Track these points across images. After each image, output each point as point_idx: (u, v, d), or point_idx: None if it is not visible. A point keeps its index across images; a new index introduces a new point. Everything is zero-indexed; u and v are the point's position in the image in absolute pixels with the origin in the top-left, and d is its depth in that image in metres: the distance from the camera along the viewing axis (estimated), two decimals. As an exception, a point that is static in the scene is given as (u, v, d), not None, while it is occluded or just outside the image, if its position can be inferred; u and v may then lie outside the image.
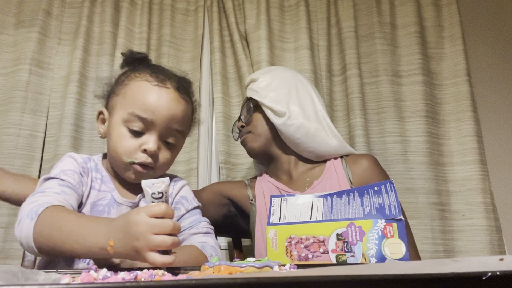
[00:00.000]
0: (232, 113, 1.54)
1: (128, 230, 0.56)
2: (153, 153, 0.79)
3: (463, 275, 0.31)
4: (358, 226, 0.77)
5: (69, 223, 0.63)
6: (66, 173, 0.77)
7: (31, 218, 0.64)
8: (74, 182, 0.77)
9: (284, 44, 1.60)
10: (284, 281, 0.32)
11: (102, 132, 0.86)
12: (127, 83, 0.83)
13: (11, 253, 1.26)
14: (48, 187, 0.73)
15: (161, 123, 0.79)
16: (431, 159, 1.44)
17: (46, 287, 0.31)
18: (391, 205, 0.80)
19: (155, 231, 0.54)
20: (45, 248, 0.64)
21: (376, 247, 0.75)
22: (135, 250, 0.55)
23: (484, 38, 1.67)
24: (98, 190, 0.81)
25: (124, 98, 0.81)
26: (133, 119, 0.78)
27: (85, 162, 0.83)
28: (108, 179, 0.84)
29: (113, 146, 0.80)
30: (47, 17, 1.48)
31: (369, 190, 0.85)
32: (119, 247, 0.57)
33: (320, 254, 0.78)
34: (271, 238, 0.82)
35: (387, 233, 0.75)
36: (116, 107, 0.82)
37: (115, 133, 0.80)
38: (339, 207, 0.85)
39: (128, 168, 0.80)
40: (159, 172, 0.83)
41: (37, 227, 0.63)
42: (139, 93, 0.80)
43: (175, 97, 0.82)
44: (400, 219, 0.75)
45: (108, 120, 0.84)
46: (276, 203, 0.90)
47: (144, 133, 0.79)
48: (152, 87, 0.80)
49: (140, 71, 0.84)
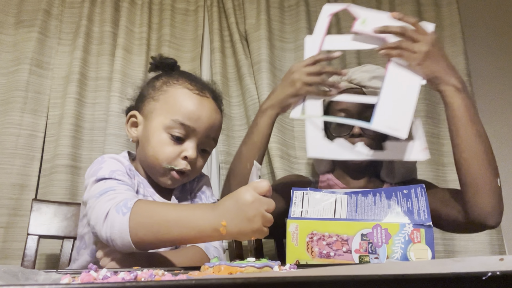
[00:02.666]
0: (232, 113, 1.54)
1: (242, 208, 0.59)
2: (193, 160, 0.80)
3: (463, 275, 0.31)
4: (385, 229, 0.77)
5: (173, 211, 0.65)
6: (117, 173, 0.76)
7: (122, 213, 0.63)
8: (129, 182, 0.76)
9: (284, 44, 1.60)
10: (284, 281, 0.32)
11: (134, 136, 0.85)
12: (166, 89, 0.83)
13: (11, 253, 1.26)
14: (112, 186, 0.71)
15: (201, 131, 0.81)
16: (431, 159, 1.44)
17: (46, 287, 0.31)
18: (420, 210, 0.78)
19: (265, 208, 0.60)
20: (145, 240, 0.63)
21: (401, 251, 0.74)
22: (251, 229, 0.59)
23: (484, 38, 1.67)
24: (143, 195, 0.82)
25: (166, 104, 0.81)
26: (176, 126, 0.79)
27: (130, 164, 0.83)
28: (146, 183, 0.84)
29: (153, 151, 0.79)
30: (47, 17, 1.48)
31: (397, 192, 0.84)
32: (233, 227, 0.60)
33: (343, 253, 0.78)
34: (291, 232, 0.82)
35: (414, 238, 0.75)
36: (156, 112, 0.82)
37: (155, 139, 0.80)
38: (364, 207, 0.83)
39: (166, 174, 0.81)
40: (191, 177, 0.86)
41: (133, 220, 0.62)
42: (182, 100, 0.81)
43: (214, 107, 0.85)
44: (429, 225, 0.75)
45: (143, 125, 0.83)
46: (298, 196, 0.88)
47: (185, 140, 0.80)
48: (194, 96, 0.82)
49: (178, 78, 0.85)
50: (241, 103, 1.54)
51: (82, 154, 1.39)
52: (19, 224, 1.27)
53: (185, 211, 0.65)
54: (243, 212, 0.59)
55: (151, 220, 0.63)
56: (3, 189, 1.29)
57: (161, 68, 0.90)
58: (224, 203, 0.62)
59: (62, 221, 1.07)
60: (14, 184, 1.30)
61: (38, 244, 1.04)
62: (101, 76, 1.46)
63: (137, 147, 0.87)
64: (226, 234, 0.60)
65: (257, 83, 1.48)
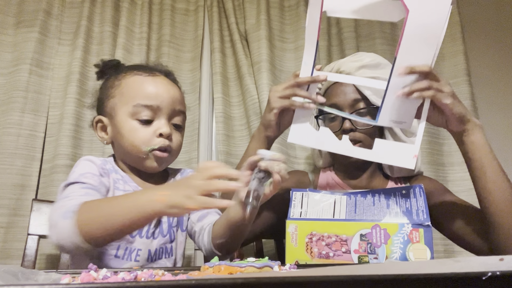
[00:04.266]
0: (232, 113, 1.54)
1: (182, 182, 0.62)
2: (169, 134, 0.82)
3: (463, 275, 0.31)
4: (383, 229, 0.77)
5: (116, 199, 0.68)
6: (86, 176, 0.77)
7: (69, 218, 0.64)
8: (95, 183, 0.77)
9: (284, 44, 1.60)
10: (284, 281, 0.32)
11: (107, 138, 0.87)
12: (119, 83, 0.85)
13: (11, 253, 1.26)
14: (71, 192, 0.73)
15: (166, 106, 0.83)
16: (431, 159, 1.44)
17: (46, 287, 0.31)
18: (419, 210, 0.78)
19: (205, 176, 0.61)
20: (94, 235, 0.64)
21: (400, 251, 0.75)
22: (186, 196, 0.60)
23: (484, 38, 1.67)
24: (124, 190, 0.82)
25: (123, 96, 0.83)
26: (140, 109, 0.81)
27: (103, 164, 0.84)
28: (128, 179, 0.85)
29: (128, 140, 0.81)
30: (47, 17, 1.48)
31: (396, 192, 0.84)
32: (171, 196, 0.61)
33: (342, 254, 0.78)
34: (291, 232, 0.82)
35: (413, 238, 0.75)
36: (117, 107, 0.83)
37: (126, 129, 0.82)
38: (363, 207, 0.83)
39: (148, 156, 0.82)
40: (175, 154, 0.87)
41: (80, 219, 0.64)
42: (137, 86, 0.83)
43: (169, 81, 0.87)
44: (428, 225, 0.75)
45: (111, 124, 0.85)
46: (297, 197, 0.88)
47: (154, 120, 0.82)
48: (146, 78, 0.85)
49: (126, 71, 0.88)
50: (241, 103, 1.54)
51: (82, 154, 1.38)
52: (20, 224, 1.27)
53: (127, 196, 0.68)
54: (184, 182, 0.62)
55: (96, 214, 0.64)
56: (3, 189, 1.29)
57: (108, 71, 0.92)
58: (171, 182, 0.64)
59: (62, 221, 1.07)
60: (14, 184, 1.30)
61: (38, 244, 1.04)
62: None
63: (114, 148, 0.88)
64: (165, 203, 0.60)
65: (257, 83, 1.48)
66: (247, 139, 1.50)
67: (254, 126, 1.47)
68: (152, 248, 0.81)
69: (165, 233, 0.84)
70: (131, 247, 0.79)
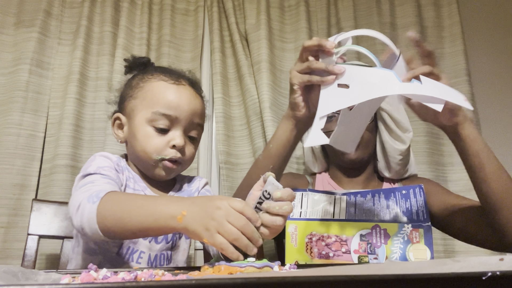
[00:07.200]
0: (232, 113, 1.54)
1: (207, 208, 0.57)
2: (181, 147, 0.81)
3: (463, 275, 0.31)
4: (383, 229, 0.76)
5: (139, 199, 0.66)
6: (104, 169, 0.77)
7: (92, 202, 0.64)
8: (114, 177, 0.77)
9: (284, 44, 1.60)
10: (284, 281, 0.32)
11: (122, 137, 0.87)
12: (142, 85, 0.85)
13: (11, 253, 1.26)
14: (94, 179, 0.73)
15: (184, 118, 0.82)
16: (431, 159, 1.44)
17: (46, 287, 0.31)
18: (419, 210, 0.78)
19: (230, 219, 0.55)
20: (111, 228, 0.63)
21: (400, 251, 0.74)
22: (206, 227, 0.56)
23: (484, 38, 1.67)
24: (133, 189, 0.83)
25: (145, 99, 0.83)
26: (158, 117, 0.80)
27: (118, 160, 0.84)
28: (138, 178, 0.85)
29: (141, 146, 0.81)
30: (47, 17, 1.48)
31: (396, 192, 0.84)
32: (191, 219, 0.57)
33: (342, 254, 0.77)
34: (290, 233, 0.81)
35: (413, 238, 0.74)
36: (137, 109, 0.83)
37: (141, 134, 0.81)
38: (363, 207, 0.83)
39: (158, 165, 0.82)
40: (186, 165, 0.87)
41: (101, 207, 0.63)
42: (159, 92, 0.82)
43: (193, 93, 0.86)
44: (427, 225, 0.74)
45: (128, 124, 0.85)
46: (297, 197, 0.88)
47: (170, 130, 0.82)
48: (170, 86, 0.83)
49: (152, 73, 0.86)
50: (241, 103, 1.54)
51: (82, 154, 1.39)
52: (20, 224, 1.27)
53: (151, 199, 0.65)
54: (208, 210, 0.57)
55: (116, 208, 0.64)
56: (3, 189, 1.29)
57: (136, 68, 0.91)
58: (195, 199, 0.61)
59: (62, 221, 1.07)
60: (14, 184, 1.30)
61: (38, 244, 1.04)
62: (101, 76, 1.46)
63: (127, 147, 0.88)
64: (182, 224, 0.58)
65: (257, 83, 1.48)
66: (247, 139, 1.50)
67: (254, 126, 1.47)
68: (153, 253, 0.81)
69: (169, 239, 0.84)
70: (134, 247, 0.79)
